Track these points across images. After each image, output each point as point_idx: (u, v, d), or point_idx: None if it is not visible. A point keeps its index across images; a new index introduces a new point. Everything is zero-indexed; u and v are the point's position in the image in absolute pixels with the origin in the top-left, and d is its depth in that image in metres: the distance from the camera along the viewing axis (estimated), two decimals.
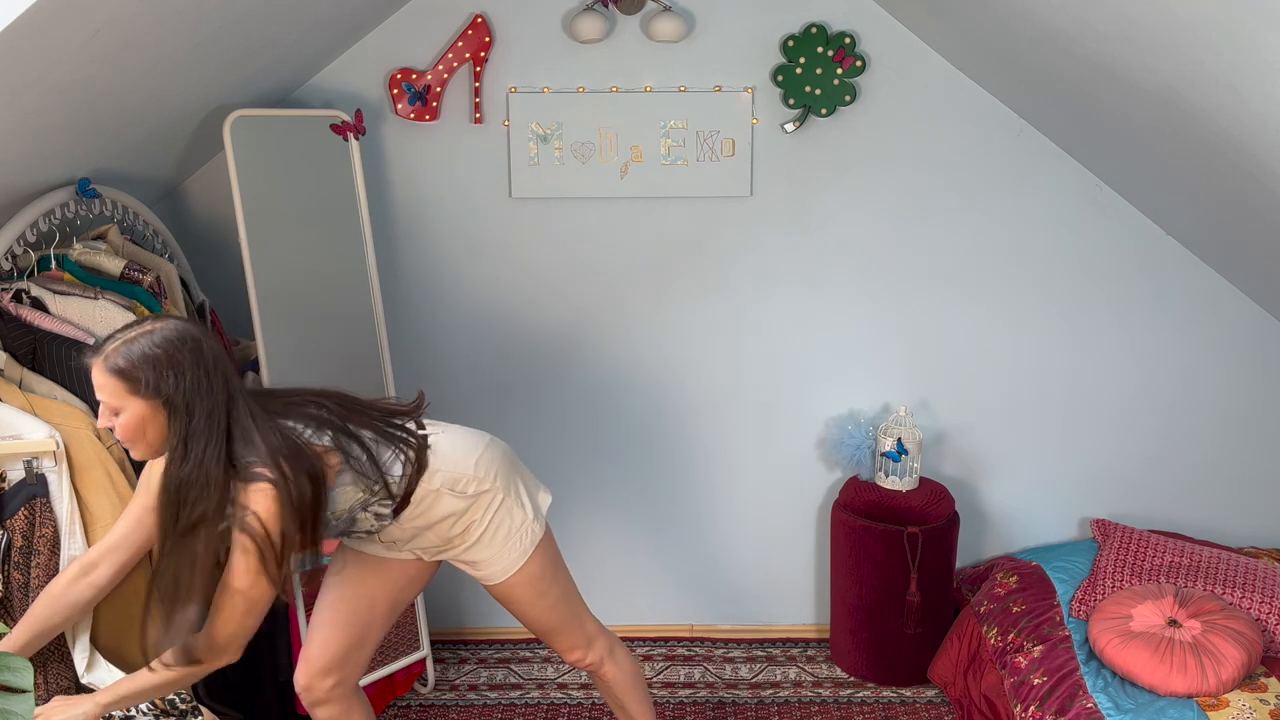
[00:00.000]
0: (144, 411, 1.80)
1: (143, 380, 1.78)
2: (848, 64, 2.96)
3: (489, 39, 2.97)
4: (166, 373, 1.79)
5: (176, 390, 1.80)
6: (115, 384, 1.79)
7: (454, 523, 2.15)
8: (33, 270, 2.33)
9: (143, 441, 1.84)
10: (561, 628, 2.31)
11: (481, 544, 2.18)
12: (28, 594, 2.03)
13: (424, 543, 2.20)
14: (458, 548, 2.19)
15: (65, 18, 1.75)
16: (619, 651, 2.43)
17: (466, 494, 2.13)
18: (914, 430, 3.13)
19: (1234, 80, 1.95)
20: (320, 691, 2.27)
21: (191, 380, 1.81)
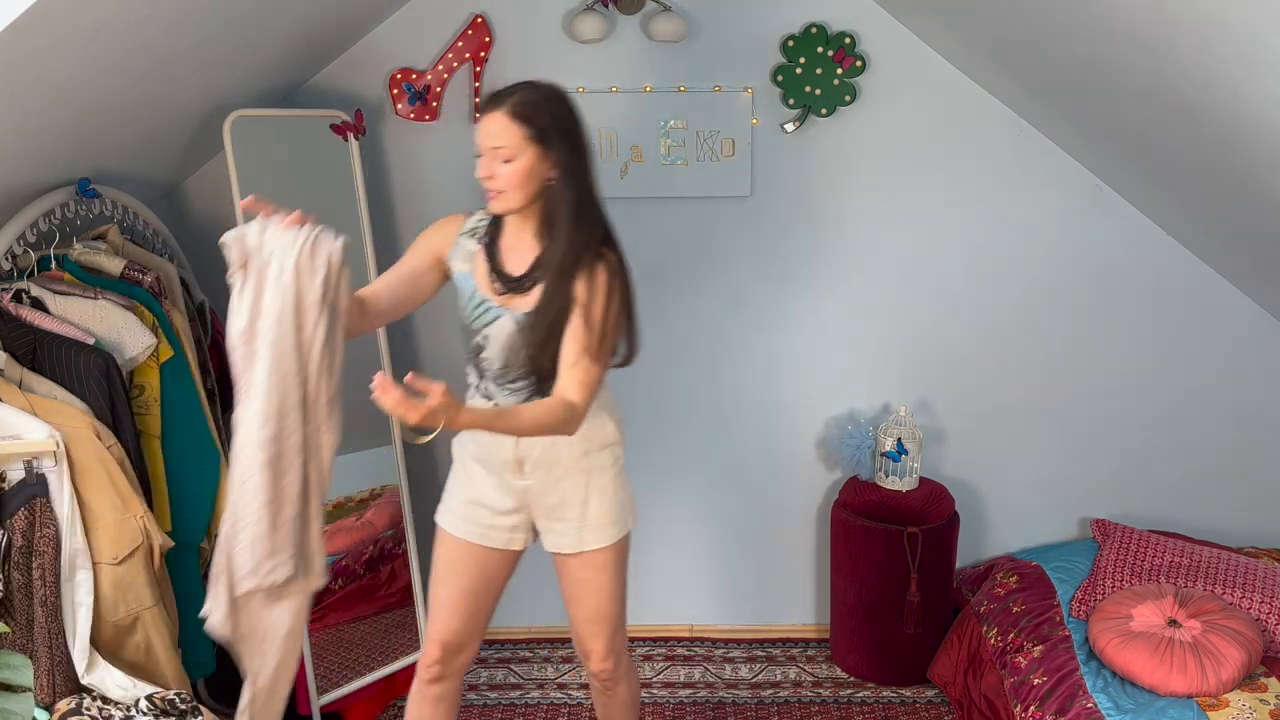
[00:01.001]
0: (534, 162, 1.94)
1: (548, 131, 1.93)
2: (848, 64, 2.96)
3: (489, 39, 2.97)
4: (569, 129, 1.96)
5: (573, 152, 1.97)
6: (517, 130, 1.91)
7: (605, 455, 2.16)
8: (33, 270, 2.33)
9: (519, 191, 1.96)
10: (613, 622, 2.28)
11: (608, 494, 2.17)
12: (29, 594, 2.03)
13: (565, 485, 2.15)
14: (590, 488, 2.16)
15: (65, 18, 1.75)
16: (634, 673, 2.44)
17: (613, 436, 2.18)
18: (914, 430, 3.13)
19: (1234, 80, 1.95)
20: (449, 669, 2.30)
21: (581, 144, 1.98)
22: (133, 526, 2.13)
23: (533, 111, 1.93)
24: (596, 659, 2.31)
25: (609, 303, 1.99)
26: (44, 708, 1.98)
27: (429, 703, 2.32)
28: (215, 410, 2.62)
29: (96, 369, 2.18)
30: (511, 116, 1.93)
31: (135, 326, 2.29)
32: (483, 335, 2.09)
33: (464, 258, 2.12)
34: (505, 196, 1.98)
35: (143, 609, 2.16)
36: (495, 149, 1.94)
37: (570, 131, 1.98)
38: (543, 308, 2.00)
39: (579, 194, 2.00)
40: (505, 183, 1.96)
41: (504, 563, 2.28)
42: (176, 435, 2.39)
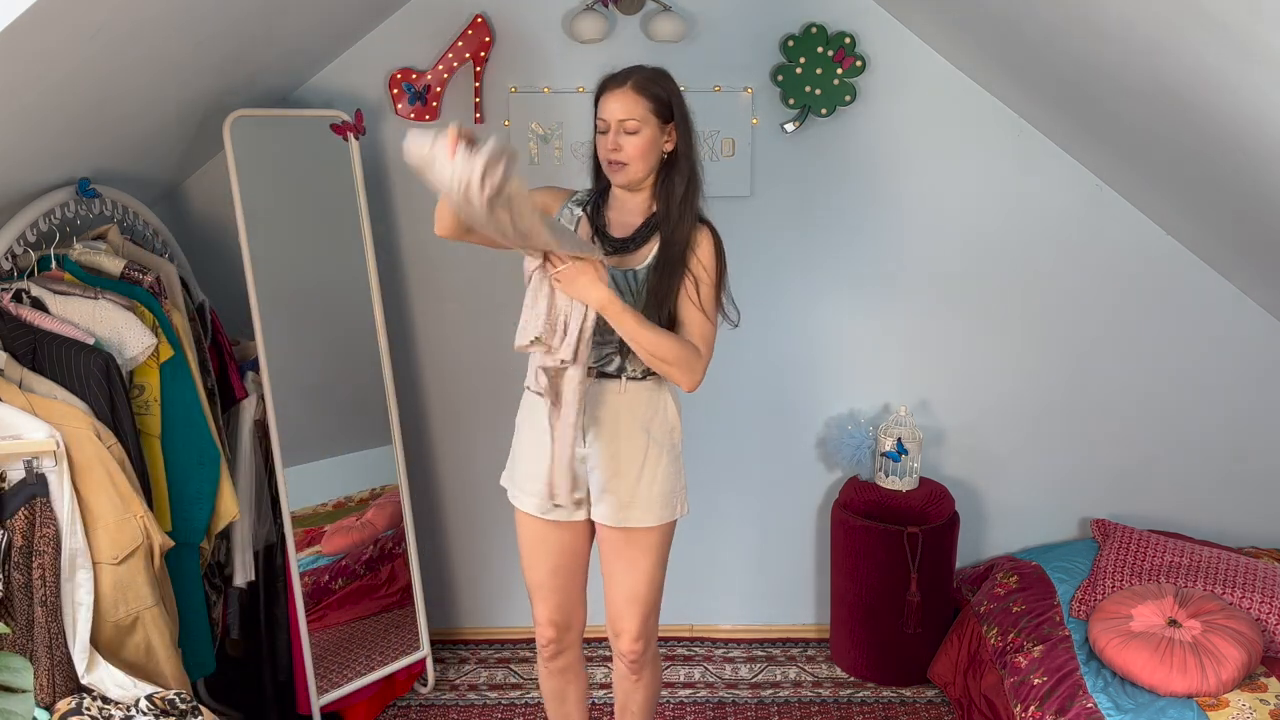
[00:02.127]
0: (655, 133, 2.12)
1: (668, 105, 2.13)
2: (848, 64, 2.96)
3: (489, 39, 2.97)
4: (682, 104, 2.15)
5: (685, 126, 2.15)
6: (642, 103, 2.10)
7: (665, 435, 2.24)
8: (33, 270, 2.32)
9: (643, 161, 2.14)
10: (652, 606, 2.33)
11: (660, 476, 2.23)
12: (28, 594, 2.03)
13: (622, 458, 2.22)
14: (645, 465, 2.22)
15: (65, 18, 1.75)
16: (659, 665, 2.48)
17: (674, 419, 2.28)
18: (914, 430, 3.13)
19: (1234, 80, 1.95)
20: (564, 643, 2.41)
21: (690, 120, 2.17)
22: (133, 526, 2.13)
23: (654, 87, 2.12)
24: (627, 639, 2.33)
25: (719, 269, 2.19)
26: (44, 708, 1.98)
27: (558, 673, 2.46)
28: (215, 410, 2.62)
29: (97, 369, 2.18)
30: (637, 91, 2.11)
31: (135, 326, 2.29)
32: None
33: (567, 220, 2.26)
34: (630, 168, 2.14)
35: (143, 609, 2.16)
36: (622, 121, 2.11)
37: (683, 107, 2.16)
38: (663, 267, 2.15)
39: (691, 165, 2.18)
40: (630, 154, 2.12)
41: (579, 535, 2.33)
42: (176, 435, 2.39)
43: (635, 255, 2.19)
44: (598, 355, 2.19)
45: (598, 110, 2.16)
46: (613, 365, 2.21)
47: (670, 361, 2.11)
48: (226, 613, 2.79)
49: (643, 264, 2.18)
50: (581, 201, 2.28)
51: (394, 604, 3.05)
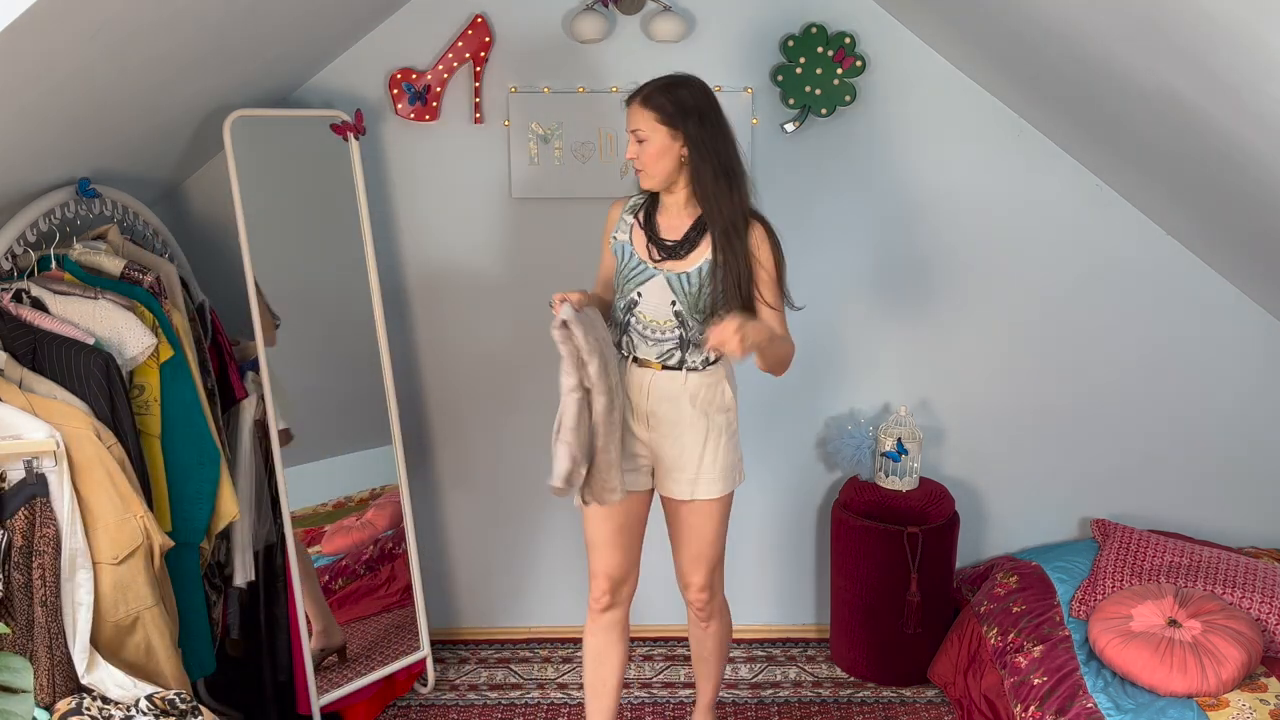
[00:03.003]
0: (665, 141, 2.28)
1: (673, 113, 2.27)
2: (848, 64, 2.96)
3: (489, 39, 2.97)
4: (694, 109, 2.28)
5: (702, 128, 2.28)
6: (648, 114, 2.28)
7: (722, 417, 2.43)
8: (33, 270, 2.32)
9: (655, 166, 2.30)
10: (712, 562, 2.55)
11: (722, 451, 2.43)
12: (28, 594, 2.03)
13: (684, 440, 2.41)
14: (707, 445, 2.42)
15: (65, 18, 1.75)
16: (728, 612, 2.70)
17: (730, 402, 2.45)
18: (914, 430, 3.13)
19: (1234, 80, 1.95)
20: (616, 598, 2.58)
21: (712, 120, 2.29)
22: (133, 526, 2.13)
23: (660, 98, 2.28)
24: (694, 590, 2.58)
25: (776, 260, 2.35)
26: (44, 708, 1.98)
27: (603, 630, 2.61)
28: (215, 410, 2.62)
29: (96, 369, 2.18)
30: (642, 104, 2.30)
31: (135, 326, 2.29)
32: (637, 292, 2.39)
33: (624, 229, 2.46)
34: (645, 173, 2.33)
35: (143, 609, 2.16)
36: (633, 132, 2.31)
37: (695, 110, 2.28)
38: (727, 263, 2.31)
39: (715, 161, 2.30)
40: (644, 161, 2.31)
41: (641, 500, 2.54)
42: (176, 435, 2.39)
43: (688, 258, 2.36)
44: (659, 351, 2.39)
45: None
46: (674, 359, 2.40)
47: (781, 364, 2.37)
48: (226, 613, 2.79)
49: (695, 265, 2.35)
50: (634, 208, 2.46)
51: (394, 604, 3.05)
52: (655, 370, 2.39)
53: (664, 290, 2.36)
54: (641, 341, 2.40)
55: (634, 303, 2.39)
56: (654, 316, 2.38)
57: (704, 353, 2.37)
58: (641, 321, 2.39)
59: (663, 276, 2.36)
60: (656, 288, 2.36)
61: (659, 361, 2.39)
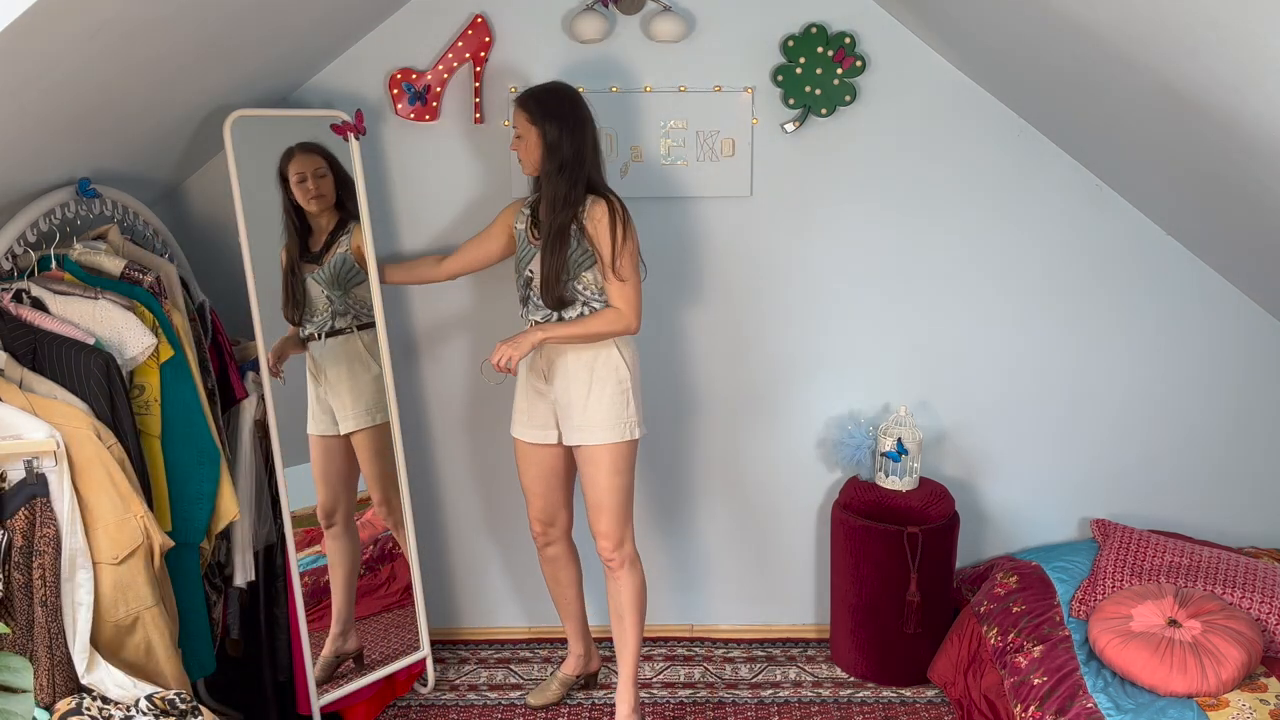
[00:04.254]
0: (536, 138, 2.63)
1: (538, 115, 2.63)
2: (848, 64, 2.96)
3: (489, 39, 2.97)
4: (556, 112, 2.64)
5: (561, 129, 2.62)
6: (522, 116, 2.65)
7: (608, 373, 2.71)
8: (33, 270, 2.32)
9: (528, 158, 2.68)
10: (614, 512, 2.79)
11: (605, 403, 2.71)
12: (28, 594, 2.03)
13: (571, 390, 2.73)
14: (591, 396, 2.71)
15: (65, 18, 1.75)
16: (638, 568, 2.88)
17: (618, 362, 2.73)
18: (914, 430, 3.13)
19: (1234, 79, 1.95)
20: (551, 535, 2.96)
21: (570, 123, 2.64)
22: (133, 526, 2.13)
23: (531, 101, 2.66)
24: (600, 538, 2.82)
25: (613, 232, 2.62)
26: (44, 708, 1.98)
27: (549, 563, 3.01)
28: (215, 410, 2.62)
29: (97, 369, 2.18)
30: (517, 105, 2.67)
31: (135, 326, 2.29)
32: (529, 269, 2.71)
33: (521, 220, 2.79)
34: (523, 163, 2.70)
35: (143, 609, 2.16)
36: (514, 129, 2.70)
37: (560, 115, 2.63)
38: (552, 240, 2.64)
39: (562, 157, 2.63)
40: (522, 154, 2.69)
41: (555, 453, 2.86)
42: (176, 435, 2.39)
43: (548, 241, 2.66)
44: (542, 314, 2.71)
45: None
46: (554, 319, 2.71)
47: (601, 334, 2.67)
48: (226, 613, 2.79)
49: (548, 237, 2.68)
50: (531, 204, 2.77)
51: (394, 604, 3.05)
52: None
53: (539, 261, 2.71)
54: (535, 309, 2.72)
55: (529, 279, 2.72)
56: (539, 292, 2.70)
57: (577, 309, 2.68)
58: (534, 297, 2.71)
59: (538, 251, 2.69)
60: (536, 261, 2.70)
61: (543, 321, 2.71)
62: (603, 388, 2.72)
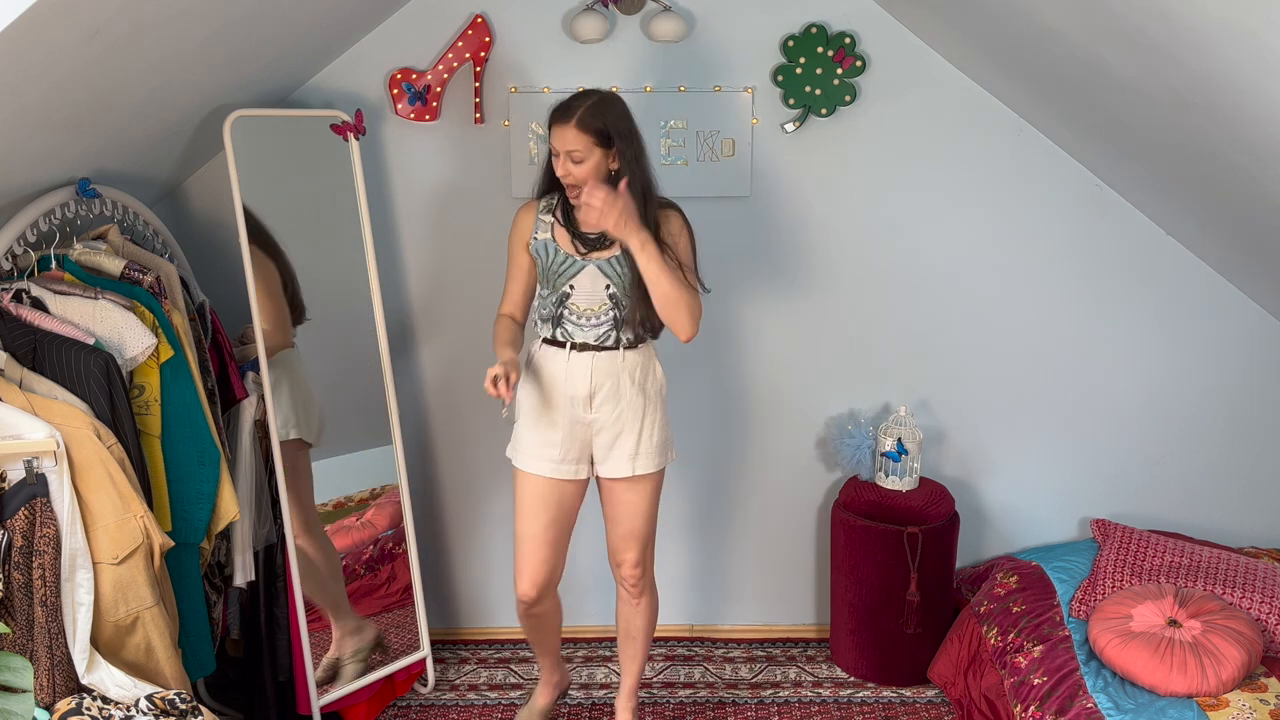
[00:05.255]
0: (600, 160, 2.41)
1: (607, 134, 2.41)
2: (848, 64, 2.96)
3: (489, 39, 2.97)
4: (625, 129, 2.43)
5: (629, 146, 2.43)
6: (585, 138, 2.39)
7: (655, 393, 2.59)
8: (33, 270, 2.32)
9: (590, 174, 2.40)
10: (645, 539, 2.69)
11: (658, 427, 2.59)
12: (28, 594, 2.03)
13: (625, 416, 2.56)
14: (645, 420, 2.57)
15: (65, 18, 1.75)
16: (656, 590, 2.81)
17: (663, 379, 2.63)
18: (914, 430, 3.13)
19: (1235, 79, 1.95)
20: (544, 594, 2.69)
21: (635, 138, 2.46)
22: (133, 526, 2.12)
23: (594, 122, 2.39)
24: (629, 566, 2.70)
25: (689, 240, 2.53)
26: (44, 708, 1.98)
27: (532, 620, 2.76)
28: (215, 410, 2.62)
29: (96, 369, 2.18)
30: (580, 128, 2.39)
31: (135, 326, 2.29)
32: (570, 285, 2.52)
33: (543, 229, 2.56)
34: (576, 187, 2.43)
35: (143, 609, 2.16)
36: (569, 152, 2.41)
37: (625, 131, 2.43)
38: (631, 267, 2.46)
39: (642, 178, 2.45)
40: (580, 178, 2.42)
41: (577, 492, 2.65)
42: (176, 435, 2.39)
43: (613, 246, 2.49)
44: (597, 334, 2.53)
45: (550, 135, 2.45)
46: (610, 339, 2.53)
47: (683, 304, 2.44)
48: (226, 613, 2.79)
49: (619, 251, 2.49)
50: (550, 207, 2.56)
51: (394, 604, 3.05)
52: (594, 353, 2.53)
53: (596, 278, 2.51)
54: (577, 329, 2.53)
55: (566, 295, 2.52)
56: (588, 305, 2.52)
57: (633, 329, 2.52)
58: (576, 311, 2.52)
59: (593, 266, 2.50)
60: (588, 278, 2.51)
61: (597, 343, 2.52)
62: (655, 409, 2.59)
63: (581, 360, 2.53)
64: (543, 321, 2.59)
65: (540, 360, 2.58)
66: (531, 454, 2.59)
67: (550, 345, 2.57)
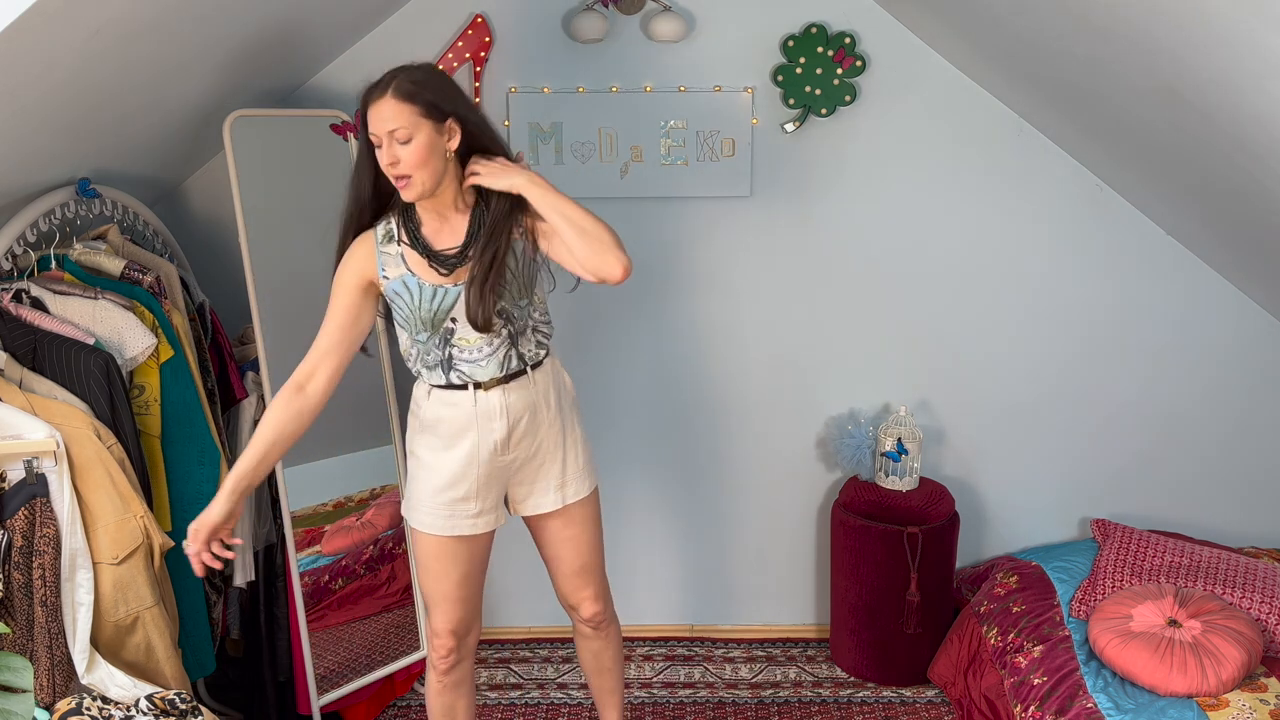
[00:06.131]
0: (431, 136, 2.00)
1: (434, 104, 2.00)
2: (848, 64, 2.96)
3: (489, 39, 2.97)
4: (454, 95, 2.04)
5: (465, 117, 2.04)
6: (407, 109, 1.97)
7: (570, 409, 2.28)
8: (33, 270, 2.33)
9: (425, 170, 2.01)
10: (598, 570, 2.40)
11: (579, 444, 2.29)
12: (29, 594, 2.03)
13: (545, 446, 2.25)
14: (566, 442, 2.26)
15: (65, 18, 1.75)
16: (618, 622, 2.53)
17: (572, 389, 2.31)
18: (914, 430, 3.13)
19: (1234, 79, 1.95)
20: (461, 652, 2.37)
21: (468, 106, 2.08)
22: (133, 526, 2.13)
23: (419, 90, 2.00)
24: (588, 606, 2.41)
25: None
26: (44, 708, 1.98)
27: (450, 690, 2.40)
28: (215, 410, 2.62)
29: (96, 369, 2.18)
30: (400, 97, 1.98)
31: (135, 326, 2.29)
32: (450, 319, 2.13)
33: (393, 264, 2.14)
34: (415, 180, 2.03)
35: (143, 609, 2.16)
36: (392, 132, 1.99)
37: (454, 98, 2.05)
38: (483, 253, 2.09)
39: (496, 144, 2.12)
40: (411, 164, 2.01)
41: (487, 542, 2.34)
42: (176, 435, 2.39)
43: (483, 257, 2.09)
44: (497, 361, 2.16)
45: (366, 121, 2.03)
46: (513, 361, 2.18)
47: (603, 231, 2.06)
48: (226, 613, 2.79)
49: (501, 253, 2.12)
50: (391, 235, 2.16)
51: (394, 604, 3.05)
52: (503, 387, 2.17)
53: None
54: (474, 366, 2.15)
55: (450, 332, 2.13)
56: (478, 336, 2.13)
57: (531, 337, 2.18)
58: (467, 348, 2.14)
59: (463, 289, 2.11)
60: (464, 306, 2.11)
61: (502, 373, 2.16)
62: (573, 424, 2.28)
63: (491, 400, 2.16)
64: (429, 369, 2.19)
65: (434, 409, 2.20)
66: (438, 513, 2.22)
67: (446, 390, 2.18)
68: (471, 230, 2.12)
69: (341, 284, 2.16)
